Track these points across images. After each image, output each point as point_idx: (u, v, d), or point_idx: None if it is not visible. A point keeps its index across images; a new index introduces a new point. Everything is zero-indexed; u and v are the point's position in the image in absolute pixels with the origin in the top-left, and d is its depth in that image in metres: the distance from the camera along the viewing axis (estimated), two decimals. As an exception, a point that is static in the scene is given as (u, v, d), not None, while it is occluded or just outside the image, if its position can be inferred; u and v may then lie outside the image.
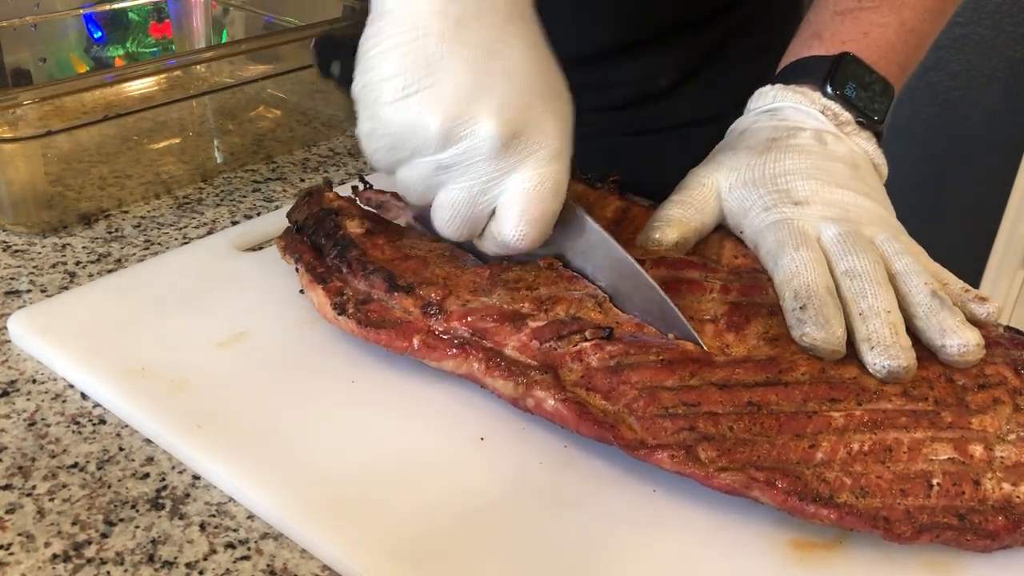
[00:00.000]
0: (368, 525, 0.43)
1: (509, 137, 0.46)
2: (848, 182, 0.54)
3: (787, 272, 0.50)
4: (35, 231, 0.67)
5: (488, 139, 0.46)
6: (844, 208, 0.53)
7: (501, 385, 0.48)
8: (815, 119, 0.57)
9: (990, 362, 0.47)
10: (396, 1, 0.47)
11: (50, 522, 0.44)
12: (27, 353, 0.55)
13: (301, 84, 0.84)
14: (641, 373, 0.46)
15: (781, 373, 0.46)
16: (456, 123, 0.46)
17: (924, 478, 0.43)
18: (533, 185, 0.48)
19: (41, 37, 0.81)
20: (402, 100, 0.46)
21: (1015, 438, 0.45)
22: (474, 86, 0.46)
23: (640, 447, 0.44)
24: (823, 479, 0.43)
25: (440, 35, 0.46)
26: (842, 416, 0.44)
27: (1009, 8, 1.72)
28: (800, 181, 0.54)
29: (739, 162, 0.56)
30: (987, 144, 1.82)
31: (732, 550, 0.43)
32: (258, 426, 0.49)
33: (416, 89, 0.46)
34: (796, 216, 0.53)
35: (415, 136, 0.47)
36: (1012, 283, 1.86)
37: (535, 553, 0.43)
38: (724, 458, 0.43)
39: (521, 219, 0.48)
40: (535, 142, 0.47)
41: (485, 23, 0.47)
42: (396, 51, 0.46)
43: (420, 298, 0.51)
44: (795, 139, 0.56)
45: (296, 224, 0.59)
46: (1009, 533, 0.42)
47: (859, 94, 0.58)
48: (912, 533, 0.41)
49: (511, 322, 0.50)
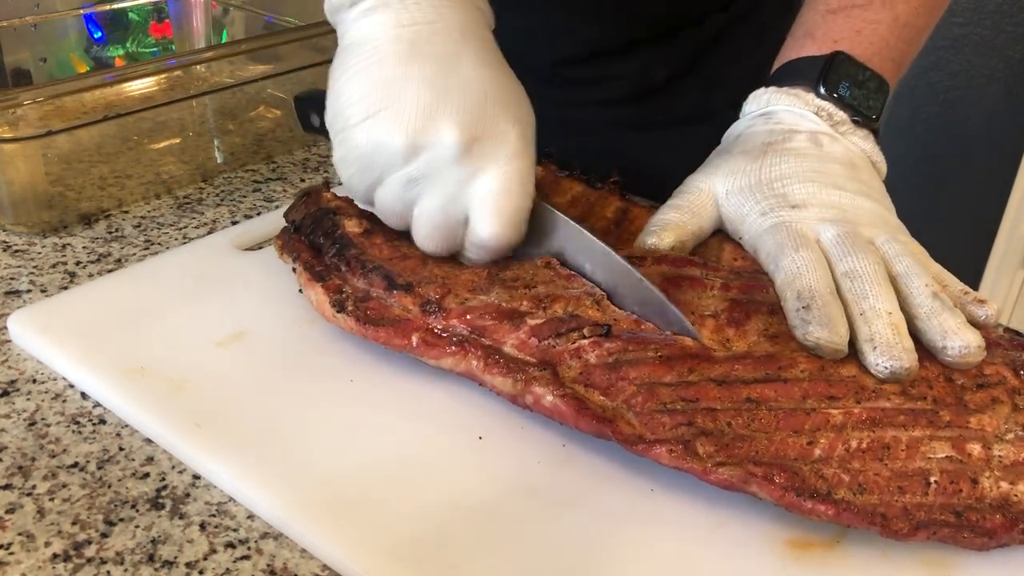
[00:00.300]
0: (368, 525, 0.43)
1: (470, 141, 0.49)
2: (845, 183, 0.54)
3: (788, 273, 0.50)
4: (35, 231, 0.67)
5: (450, 146, 0.49)
6: (842, 209, 0.53)
7: (500, 382, 0.49)
8: (810, 121, 0.57)
9: (989, 362, 0.48)
10: (357, 32, 0.51)
11: (50, 522, 0.44)
12: (27, 353, 0.55)
13: (301, 84, 0.84)
14: (639, 369, 0.46)
15: (780, 370, 0.46)
16: (418, 136, 0.49)
17: (922, 476, 0.43)
18: (499, 184, 0.50)
19: (41, 37, 0.81)
20: (368, 120, 0.49)
21: (1013, 437, 0.45)
22: (432, 100, 0.49)
23: (638, 442, 0.44)
24: (821, 475, 0.43)
25: (397, 56, 0.49)
26: (841, 414, 0.45)
27: (1009, 8, 1.72)
28: (796, 185, 0.54)
29: (735, 167, 0.56)
30: (987, 144, 1.81)
31: (730, 548, 0.43)
32: (257, 425, 0.49)
33: (379, 108, 0.49)
34: (794, 219, 0.53)
35: (382, 153, 0.50)
36: (1012, 283, 1.85)
37: (534, 552, 0.43)
38: (722, 453, 0.43)
39: (493, 219, 0.50)
40: (495, 144, 0.49)
41: (438, 42, 0.50)
42: (358, 76, 0.50)
43: (419, 296, 0.51)
44: (790, 142, 0.56)
45: (294, 224, 0.59)
46: (1006, 531, 0.42)
47: (853, 93, 0.58)
48: (909, 530, 0.41)
49: (509, 320, 0.50)
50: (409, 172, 0.50)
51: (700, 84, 0.84)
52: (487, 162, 0.49)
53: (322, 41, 0.81)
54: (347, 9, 0.51)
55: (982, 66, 1.78)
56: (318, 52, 0.82)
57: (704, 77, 0.84)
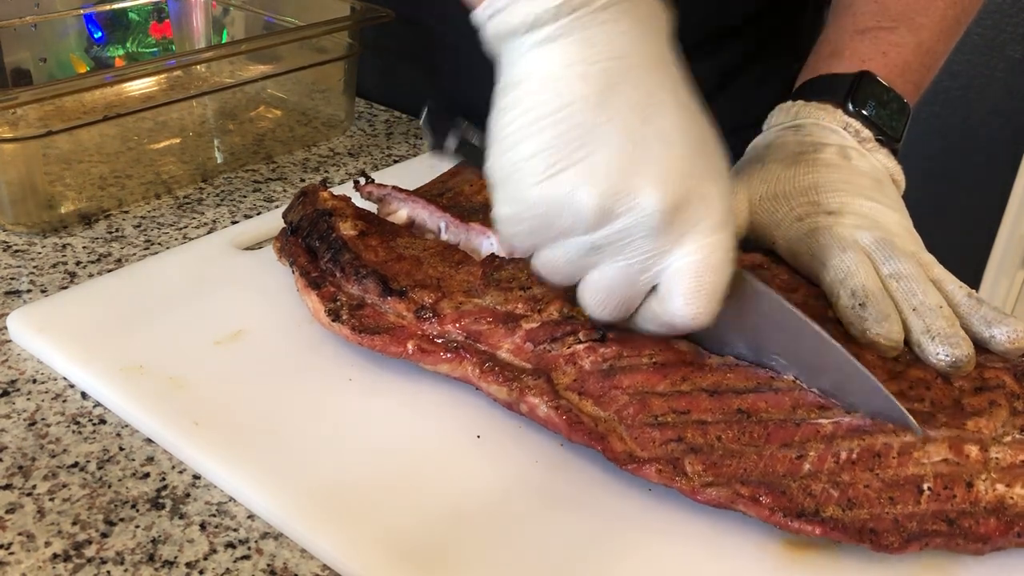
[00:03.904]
0: (367, 525, 0.44)
1: (673, 210, 0.42)
2: (874, 195, 0.55)
3: (839, 272, 0.51)
4: (35, 231, 0.67)
5: (651, 214, 0.41)
6: (874, 219, 0.54)
7: (495, 390, 0.49)
8: (838, 135, 0.58)
9: (990, 366, 0.48)
10: (530, 66, 0.42)
11: (50, 522, 0.44)
12: (26, 351, 0.55)
13: (301, 84, 0.84)
14: (633, 377, 0.47)
15: (772, 379, 0.46)
16: (615, 199, 0.41)
17: (914, 483, 0.43)
18: (702, 258, 0.43)
19: (41, 37, 0.81)
20: (550, 179, 0.42)
21: (1011, 440, 0.45)
22: (632, 157, 0.41)
23: (629, 461, 0.45)
24: (809, 492, 0.43)
25: (586, 101, 0.41)
26: (830, 423, 0.45)
27: (1009, 8, 1.72)
28: (830, 194, 0.55)
29: (767, 175, 0.57)
30: (987, 144, 1.81)
31: (727, 550, 0.44)
32: (255, 424, 0.49)
33: (566, 165, 0.42)
34: (832, 224, 0.53)
35: (565, 216, 0.42)
36: (1012, 283, 1.85)
37: (532, 551, 0.43)
38: (710, 472, 0.43)
39: (692, 296, 0.43)
40: (699, 211, 0.42)
41: (632, 82, 0.42)
42: (538, 124, 0.42)
43: (413, 302, 0.51)
44: (821, 153, 0.57)
45: (291, 225, 0.59)
46: (1002, 535, 0.42)
47: (878, 112, 0.59)
48: (900, 544, 0.41)
49: (504, 324, 0.50)
50: (594, 239, 0.43)
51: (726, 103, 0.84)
52: (689, 232, 0.43)
53: (322, 41, 0.81)
54: (521, 35, 0.42)
55: (982, 66, 1.78)
56: (318, 52, 0.82)
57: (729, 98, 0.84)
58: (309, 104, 0.85)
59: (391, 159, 0.81)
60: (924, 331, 0.48)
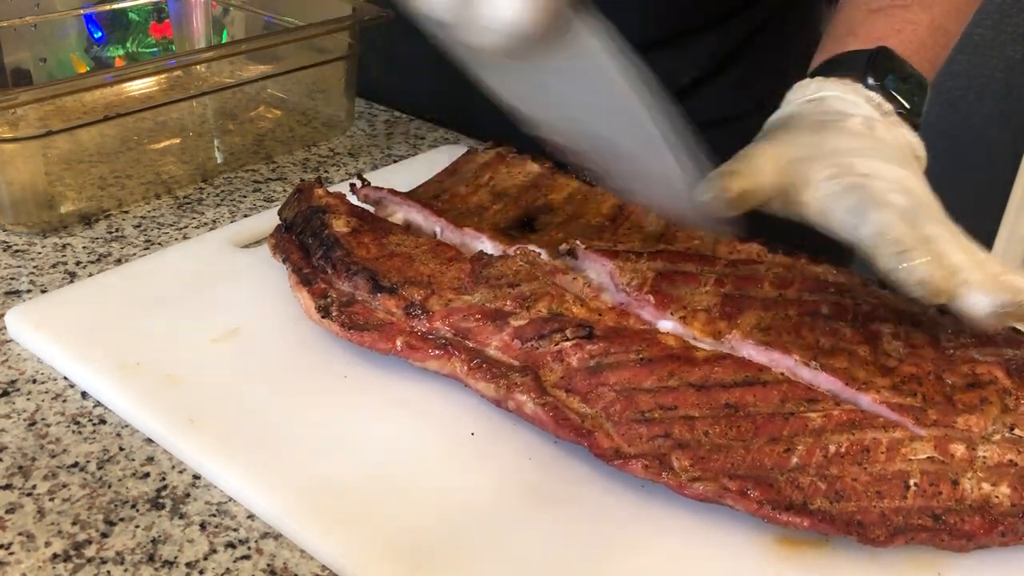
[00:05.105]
0: (364, 524, 0.44)
1: None
2: (904, 164, 0.55)
3: (879, 225, 0.50)
4: (35, 231, 0.67)
5: None
6: (906, 186, 0.53)
7: (483, 387, 0.49)
8: (861, 108, 0.57)
9: (982, 361, 0.48)
10: None
11: (50, 522, 0.44)
12: (26, 351, 0.55)
13: (301, 84, 0.85)
14: (620, 373, 0.47)
15: (761, 372, 0.46)
16: None
17: (901, 478, 0.43)
18: None
19: (41, 37, 0.81)
20: None
21: (1000, 439, 0.45)
22: None
23: (615, 457, 0.45)
24: (797, 485, 0.43)
25: None
26: (820, 417, 0.45)
27: (1009, 8, 1.72)
28: (861, 158, 0.54)
29: (794, 139, 0.56)
30: (987, 144, 1.81)
31: (720, 546, 0.44)
32: (250, 421, 0.49)
33: None
34: (866, 183, 0.52)
35: None
36: (1012, 283, 1.85)
37: (527, 548, 0.43)
38: (697, 467, 0.44)
39: None
40: None
41: None
42: None
43: (403, 299, 0.52)
44: (847, 122, 0.56)
45: (286, 222, 0.59)
46: (985, 534, 0.42)
47: (899, 86, 0.58)
48: (886, 537, 0.42)
49: (493, 321, 0.50)
50: None
51: (727, 88, 0.84)
52: None
53: (322, 41, 0.81)
54: None
55: (982, 66, 1.78)
56: (318, 52, 0.82)
57: (732, 81, 0.84)
58: (309, 104, 0.85)
59: (391, 159, 0.81)
60: (963, 282, 0.47)
